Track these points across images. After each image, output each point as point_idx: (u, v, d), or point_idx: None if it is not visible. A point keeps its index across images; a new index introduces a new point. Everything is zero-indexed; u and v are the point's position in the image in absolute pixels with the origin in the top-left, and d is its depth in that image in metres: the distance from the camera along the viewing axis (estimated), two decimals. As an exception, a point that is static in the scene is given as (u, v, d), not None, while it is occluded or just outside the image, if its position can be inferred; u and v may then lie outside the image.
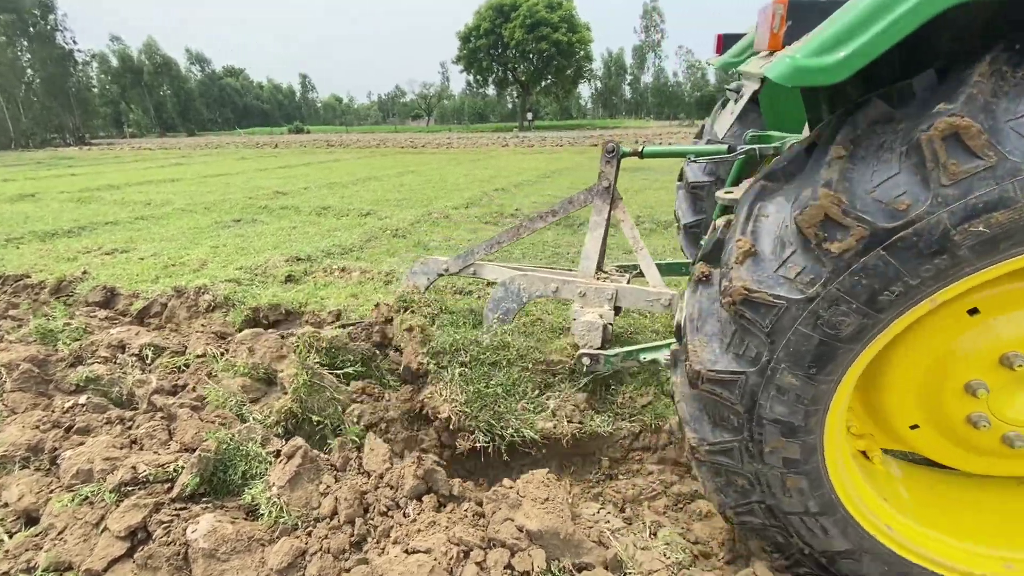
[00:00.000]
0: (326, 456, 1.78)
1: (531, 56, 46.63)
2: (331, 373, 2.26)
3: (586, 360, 2.40)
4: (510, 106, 75.01)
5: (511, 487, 1.57)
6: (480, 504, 1.57)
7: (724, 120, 3.14)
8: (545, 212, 2.95)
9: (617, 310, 2.72)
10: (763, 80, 2.55)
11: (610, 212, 2.78)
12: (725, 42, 3.18)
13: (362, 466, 1.75)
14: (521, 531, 1.41)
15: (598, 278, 2.78)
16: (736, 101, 3.04)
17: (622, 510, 1.85)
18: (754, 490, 1.33)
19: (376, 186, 10.42)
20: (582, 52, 48.02)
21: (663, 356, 2.35)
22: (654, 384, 2.50)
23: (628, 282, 2.85)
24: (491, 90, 58.33)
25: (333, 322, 3.41)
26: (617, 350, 2.44)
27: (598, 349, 2.43)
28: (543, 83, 50.20)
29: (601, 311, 2.57)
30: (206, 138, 48.14)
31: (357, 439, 1.96)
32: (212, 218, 7.15)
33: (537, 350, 2.66)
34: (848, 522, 1.31)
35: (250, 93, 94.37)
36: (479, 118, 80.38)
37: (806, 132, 2.44)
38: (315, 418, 2.17)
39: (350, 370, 2.39)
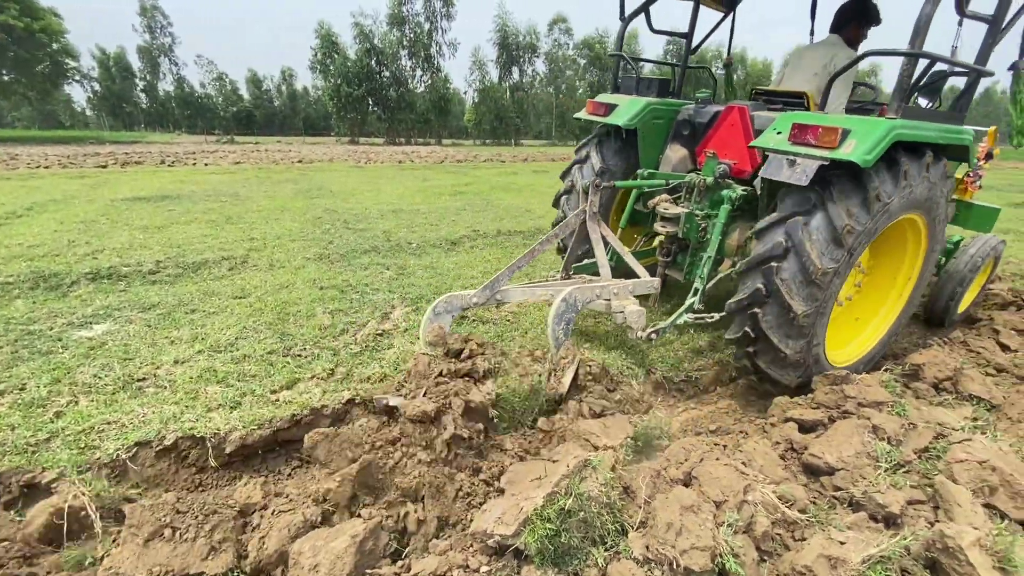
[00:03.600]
0: None
1: (-40, 38, 32.39)
2: None
3: (654, 336, 3.26)
4: (-62, 105, 50.41)
5: None
6: None
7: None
8: (550, 235, 3.58)
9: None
10: (638, 136, 4.16)
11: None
12: (608, 109, 4.17)
13: None
14: None
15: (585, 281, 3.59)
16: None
17: None
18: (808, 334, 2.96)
19: None
20: (56, 45, 36.94)
21: (688, 318, 3.35)
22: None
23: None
24: None
25: None
26: (667, 322, 3.30)
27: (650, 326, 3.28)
28: (-4, 79, 35.97)
29: (633, 301, 3.37)
30: None
31: None
32: None
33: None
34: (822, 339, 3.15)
35: None
36: None
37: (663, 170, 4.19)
38: None
39: None
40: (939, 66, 3.45)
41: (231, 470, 2.68)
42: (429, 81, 49.95)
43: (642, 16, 4.29)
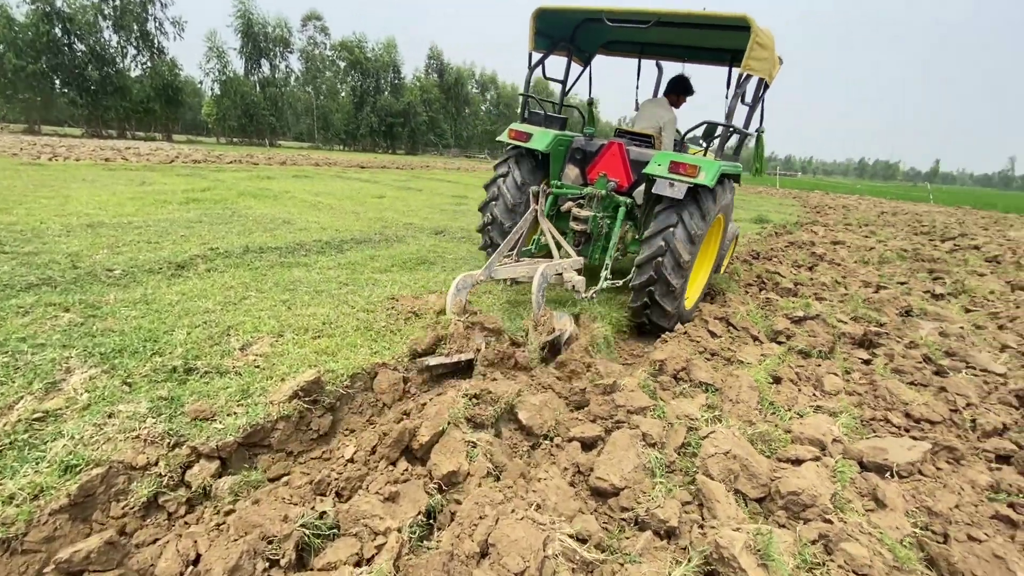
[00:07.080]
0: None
1: None
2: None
3: (593, 295, 4.59)
4: None
5: None
6: None
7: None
8: (518, 226, 4.70)
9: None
10: (549, 156, 5.60)
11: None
12: (527, 136, 5.49)
13: None
14: None
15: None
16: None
17: None
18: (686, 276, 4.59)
19: None
20: None
21: (607, 284, 4.75)
22: None
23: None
24: None
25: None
26: (596, 287, 4.64)
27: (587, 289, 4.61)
28: None
29: (575, 273, 4.60)
30: None
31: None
32: None
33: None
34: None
35: None
36: None
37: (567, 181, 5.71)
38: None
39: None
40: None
41: None
42: (148, 64, 41.02)
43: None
